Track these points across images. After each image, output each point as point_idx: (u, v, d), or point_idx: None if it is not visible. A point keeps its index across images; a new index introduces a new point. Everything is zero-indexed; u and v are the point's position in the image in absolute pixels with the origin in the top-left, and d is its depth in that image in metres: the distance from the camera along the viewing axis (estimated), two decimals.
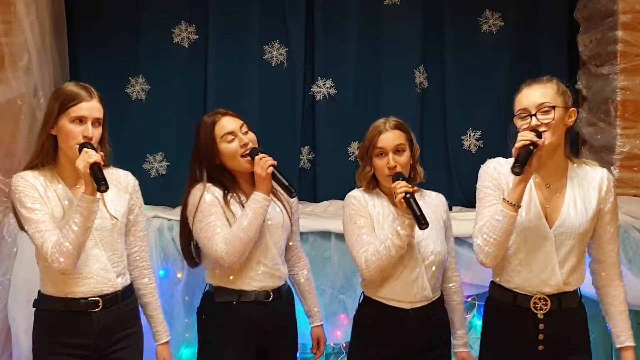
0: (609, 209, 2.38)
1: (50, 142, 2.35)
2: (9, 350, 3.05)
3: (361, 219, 2.52)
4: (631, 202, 3.46)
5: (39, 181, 2.33)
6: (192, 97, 3.82)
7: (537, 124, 2.27)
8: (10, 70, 3.19)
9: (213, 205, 2.53)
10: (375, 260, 2.43)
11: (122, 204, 2.46)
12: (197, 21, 3.81)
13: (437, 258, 2.53)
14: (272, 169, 2.46)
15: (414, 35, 3.90)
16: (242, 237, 2.46)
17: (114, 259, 2.41)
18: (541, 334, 2.36)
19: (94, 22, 3.75)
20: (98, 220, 2.33)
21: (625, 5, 3.56)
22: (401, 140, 2.53)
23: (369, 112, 3.86)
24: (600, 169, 2.43)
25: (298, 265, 2.80)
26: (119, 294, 2.42)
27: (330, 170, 3.84)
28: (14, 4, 3.19)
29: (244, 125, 2.60)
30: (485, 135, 3.98)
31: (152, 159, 3.81)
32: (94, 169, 2.20)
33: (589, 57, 3.84)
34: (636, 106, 3.59)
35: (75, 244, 2.23)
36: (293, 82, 3.87)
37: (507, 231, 2.27)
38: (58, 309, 2.36)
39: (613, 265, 2.42)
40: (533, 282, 2.36)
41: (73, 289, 2.35)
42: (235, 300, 2.55)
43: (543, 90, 2.31)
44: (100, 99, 2.37)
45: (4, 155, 3.15)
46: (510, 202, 2.24)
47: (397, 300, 2.51)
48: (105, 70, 3.71)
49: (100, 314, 2.37)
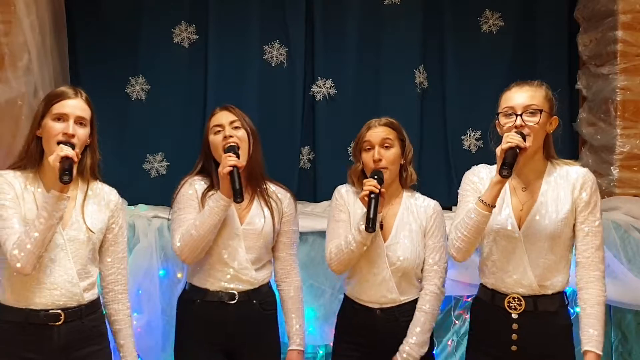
0: (582, 207, 2.35)
1: (36, 144, 2.28)
2: None
3: (340, 214, 2.60)
4: (631, 202, 3.46)
5: (18, 181, 2.26)
6: (192, 97, 3.82)
7: (521, 125, 2.30)
8: (10, 70, 3.19)
9: (189, 199, 2.55)
10: (337, 254, 2.51)
11: (101, 219, 2.34)
12: (197, 21, 3.81)
13: (404, 265, 2.53)
14: (230, 169, 2.41)
15: (414, 35, 3.90)
16: (193, 234, 2.45)
17: (83, 273, 2.28)
18: (515, 334, 2.35)
19: (94, 22, 3.75)
20: (73, 231, 2.26)
21: (625, 5, 3.57)
22: (389, 135, 2.57)
23: (369, 112, 3.84)
24: (580, 168, 2.41)
25: (286, 281, 2.67)
26: (83, 308, 2.28)
27: (330, 170, 3.83)
28: (14, 4, 3.19)
29: (237, 121, 2.57)
30: (485, 135, 3.97)
31: (152, 159, 3.81)
32: (63, 162, 2.12)
33: (589, 57, 3.84)
34: (636, 106, 3.59)
35: (36, 242, 2.13)
36: (293, 82, 3.87)
37: (477, 229, 2.31)
38: (16, 320, 2.22)
39: (587, 267, 2.34)
40: (507, 283, 2.38)
41: (34, 299, 2.21)
42: (199, 298, 2.55)
43: (532, 93, 2.35)
44: (87, 100, 2.30)
45: (4, 155, 3.15)
46: (485, 201, 2.28)
47: (364, 300, 2.56)
48: (105, 70, 3.71)
49: (62, 329, 2.23)
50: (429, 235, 2.60)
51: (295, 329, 2.63)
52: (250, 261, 2.55)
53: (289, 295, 2.65)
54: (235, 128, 2.56)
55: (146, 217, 3.19)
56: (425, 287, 2.57)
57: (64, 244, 2.24)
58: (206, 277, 2.55)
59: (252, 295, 2.56)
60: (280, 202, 2.64)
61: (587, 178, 2.38)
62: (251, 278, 2.55)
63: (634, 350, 3.20)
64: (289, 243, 2.67)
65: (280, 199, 2.65)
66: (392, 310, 2.54)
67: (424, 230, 2.60)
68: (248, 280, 2.55)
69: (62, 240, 2.24)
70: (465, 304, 3.18)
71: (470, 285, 3.10)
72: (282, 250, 2.66)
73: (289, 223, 2.66)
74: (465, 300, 3.17)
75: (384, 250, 2.53)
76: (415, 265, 2.56)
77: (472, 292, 3.16)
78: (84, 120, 2.27)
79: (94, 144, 2.34)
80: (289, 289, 2.66)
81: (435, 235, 2.60)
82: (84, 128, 2.27)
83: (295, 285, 2.67)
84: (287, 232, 2.66)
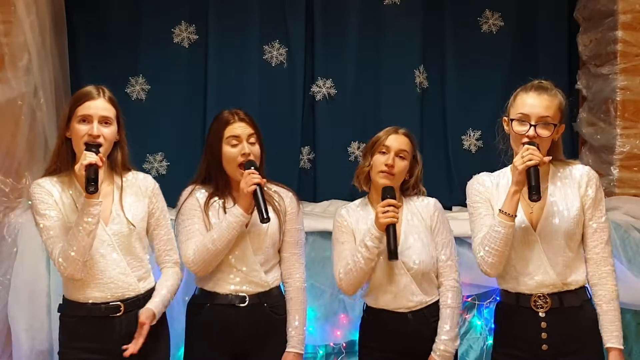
0: (589, 205, 2.39)
1: (66, 146, 2.37)
2: (9, 350, 3.04)
3: (343, 235, 2.60)
4: (631, 202, 3.46)
5: (56, 187, 2.35)
6: (192, 97, 3.82)
7: (534, 135, 2.32)
8: (10, 70, 3.19)
9: (193, 209, 2.56)
10: (346, 274, 2.50)
11: (141, 208, 2.45)
12: (197, 21, 3.81)
13: (421, 267, 2.54)
14: (254, 187, 2.42)
15: (414, 35, 3.90)
16: (210, 249, 2.47)
17: (134, 263, 2.40)
18: (544, 333, 2.36)
19: (94, 22, 3.75)
20: (116, 225, 2.36)
21: (625, 5, 3.57)
22: (406, 148, 2.58)
23: (369, 112, 3.87)
24: (582, 166, 2.46)
25: (288, 281, 2.65)
26: (141, 298, 2.41)
27: (330, 170, 3.84)
28: (14, 4, 3.19)
29: (254, 135, 2.57)
30: (485, 135, 3.98)
31: (152, 159, 3.81)
32: (88, 170, 2.20)
33: (589, 57, 3.84)
34: (636, 106, 3.59)
35: (78, 249, 2.24)
36: (293, 82, 3.87)
37: (507, 241, 2.32)
38: (80, 314, 2.37)
39: (599, 263, 2.38)
40: (530, 285, 2.39)
41: (94, 294, 2.35)
42: (209, 302, 2.56)
43: (549, 104, 2.35)
44: (110, 99, 2.38)
45: (4, 155, 3.15)
46: (507, 212, 2.31)
47: (393, 307, 2.54)
48: (105, 70, 3.71)
49: (123, 319, 2.37)
50: (436, 233, 2.61)
51: (293, 330, 2.59)
52: (259, 263, 2.56)
53: (289, 297, 2.63)
54: (251, 143, 2.56)
55: None
56: (445, 283, 2.59)
57: (109, 239, 2.36)
58: (215, 281, 2.56)
59: (263, 298, 2.56)
60: (283, 201, 2.65)
61: (591, 175, 2.42)
62: (261, 280, 2.56)
63: (634, 350, 3.20)
64: (293, 242, 2.66)
65: (282, 198, 2.65)
66: (422, 312, 2.54)
67: (431, 229, 2.61)
68: (258, 283, 2.55)
69: (106, 236, 2.35)
70: (466, 304, 3.18)
71: (470, 286, 3.11)
72: (286, 249, 2.66)
73: (292, 221, 2.66)
74: (465, 301, 3.18)
75: (399, 258, 2.51)
76: (431, 264, 2.56)
77: (473, 292, 3.18)
78: (109, 119, 2.35)
79: (122, 139, 2.43)
80: (290, 290, 2.64)
81: (441, 232, 2.62)
82: (109, 127, 2.35)
83: (296, 286, 2.63)
84: (290, 230, 2.65)
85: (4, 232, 3.09)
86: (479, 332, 3.22)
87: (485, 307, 3.20)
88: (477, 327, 3.22)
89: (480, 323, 3.22)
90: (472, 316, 3.23)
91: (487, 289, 3.16)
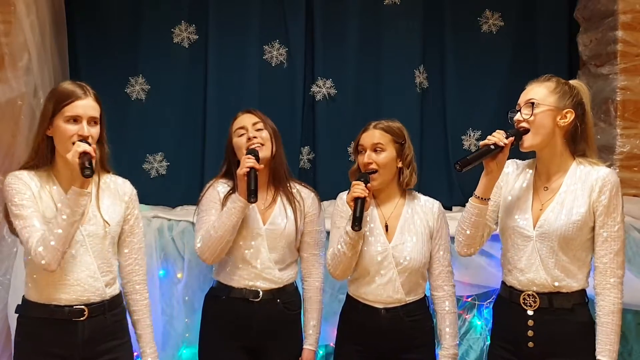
0: (601, 211, 2.31)
1: (46, 143, 2.29)
2: (9, 351, 3.04)
3: (341, 220, 2.61)
4: (631, 202, 3.46)
5: (34, 181, 2.27)
6: (192, 97, 3.82)
7: (519, 119, 2.34)
8: (10, 70, 3.20)
9: (211, 201, 2.63)
10: (332, 259, 2.56)
11: (117, 212, 2.37)
12: (197, 21, 3.81)
13: (410, 264, 2.55)
14: (246, 170, 2.47)
15: (414, 35, 3.90)
16: (213, 235, 2.53)
17: (104, 267, 2.32)
18: (530, 331, 2.36)
19: (94, 22, 3.75)
20: (91, 226, 2.29)
21: (625, 5, 3.57)
22: (380, 140, 2.59)
23: (369, 112, 3.86)
24: (603, 169, 2.35)
25: (307, 281, 2.73)
26: (106, 303, 2.32)
27: (330, 170, 3.83)
28: (14, 4, 3.19)
29: (259, 123, 2.66)
30: (485, 135, 3.95)
31: (152, 159, 3.80)
32: (82, 157, 2.15)
33: (589, 57, 3.84)
34: (636, 106, 3.59)
35: (60, 239, 2.15)
36: (293, 82, 3.87)
37: (473, 222, 2.38)
38: (41, 316, 2.27)
39: (605, 273, 2.30)
40: (522, 281, 2.39)
41: (58, 295, 2.26)
42: (225, 295, 2.62)
43: (536, 89, 2.37)
44: (96, 97, 2.31)
45: (4, 155, 3.16)
46: (477, 195, 2.36)
47: (370, 300, 2.57)
48: (105, 70, 3.71)
49: (86, 324, 2.27)
50: (438, 235, 2.62)
51: (310, 328, 2.69)
52: (274, 261, 2.61)
53: (307, 296, 2.72)
54: (258, 130, 2.63)
55: (146, 217, 3.18)
56: (446, 289, 2.62)
57: (83, 240, 2.28)
58: (231, 275, 2.62)
59: (277, 294, 2.62)
60: (304, 201, 2.69)
61: (607, 180, 2.31)
62: (274, 277, 2.61)
63: (634, 350, 3.20)
64: (312, 243, 2.72)
65: (303, 199, 2.69)
66: (397, 310, 2.56)
67: (431, 230, 2.62)
68: (271, 279, 2.61)
69: (81, 236, 2.28)
70: (466, 304, 3.19)
71: (470, 286, 3.11)
72: (305, 250, 2.72)
73: (312, 223, 2.72)
74: (465, 301, 3.18)
75: (390, 252, 2.55)
76: (421, 265, 2.58)
77: (473, 292, 3.18)
78: (96, 119, 2.30)
79: (102, 137, 2.37)
80: (309, 289, 2.72)
81: (442, 236, 2.64)
82: (96, 126, 2.30)
83: (314, 286, 2.72)
84: (310, 232, 2.71)
85: (4, 232, 3.09)
86: (479, 332, 3.22)
87: (485, 307, 3.20)
88: (477, 328, 3.22)
89: (480, 323, 3.22)
90: (472, 316, 3.23)
91: (487, 289, 3.16)
